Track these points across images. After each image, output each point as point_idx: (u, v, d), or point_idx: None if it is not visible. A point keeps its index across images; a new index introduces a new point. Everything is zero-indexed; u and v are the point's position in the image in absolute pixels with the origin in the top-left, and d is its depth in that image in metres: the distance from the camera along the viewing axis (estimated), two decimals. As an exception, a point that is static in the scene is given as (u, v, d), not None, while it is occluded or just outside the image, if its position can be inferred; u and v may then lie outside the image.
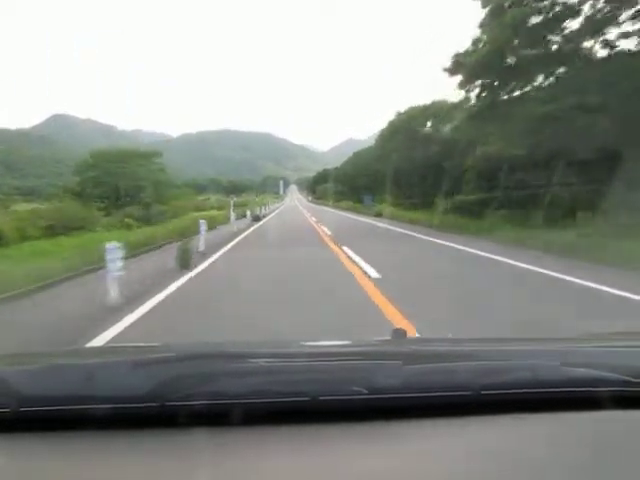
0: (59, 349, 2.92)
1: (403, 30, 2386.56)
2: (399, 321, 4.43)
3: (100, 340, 4.07)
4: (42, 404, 0.80)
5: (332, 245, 12.46)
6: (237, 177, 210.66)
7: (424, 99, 40.18)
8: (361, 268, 7.98)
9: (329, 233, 16.62)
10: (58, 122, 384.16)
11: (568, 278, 6.73)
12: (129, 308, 5.27)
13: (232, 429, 0.78)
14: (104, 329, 4.42)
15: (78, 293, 6.66)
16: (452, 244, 11.86)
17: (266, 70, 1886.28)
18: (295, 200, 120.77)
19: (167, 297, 6.05)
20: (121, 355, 1.14)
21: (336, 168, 77.84)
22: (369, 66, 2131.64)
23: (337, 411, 0.80)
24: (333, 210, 45.56)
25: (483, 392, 0.83)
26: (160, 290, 6.36)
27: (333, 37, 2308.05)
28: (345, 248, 10.97)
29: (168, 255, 9.51)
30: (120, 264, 5.72)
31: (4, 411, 0.78)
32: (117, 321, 4.73)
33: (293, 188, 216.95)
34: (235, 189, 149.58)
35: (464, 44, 15.79)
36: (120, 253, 5.78)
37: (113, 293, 5.49)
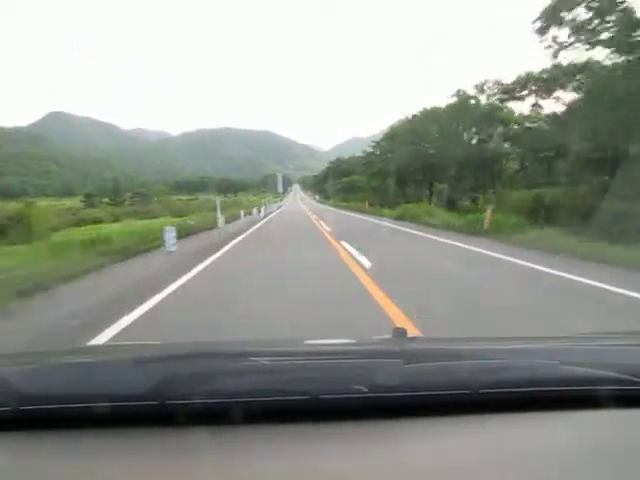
0: (59, 348, 2.88)
1: (405, 30, 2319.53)
2: None
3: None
4: (42, 403, 0.80)
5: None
6: (239, 176, 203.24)
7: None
8: None
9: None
10: (55, 120, 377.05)
11: None
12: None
13: (232, 428, 0.78)
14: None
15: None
16: None
17: (268, 68, 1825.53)
18: (299, 200, 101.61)
19: None
20: (121, 354, 1.13)
21: (370, 152, 43.86)
22: (371, 65, 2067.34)
23: (337, 410, 0.81)
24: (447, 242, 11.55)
25: (482, 391, 0.84)
26: None
27: (335, 36, 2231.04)
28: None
29: None
30: None
31: (4, 410, 0.79)
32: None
33: (296, 187, 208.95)
34: (231, 187, 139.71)
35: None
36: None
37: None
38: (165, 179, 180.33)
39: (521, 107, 17.39)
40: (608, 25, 13.15)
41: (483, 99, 24.06)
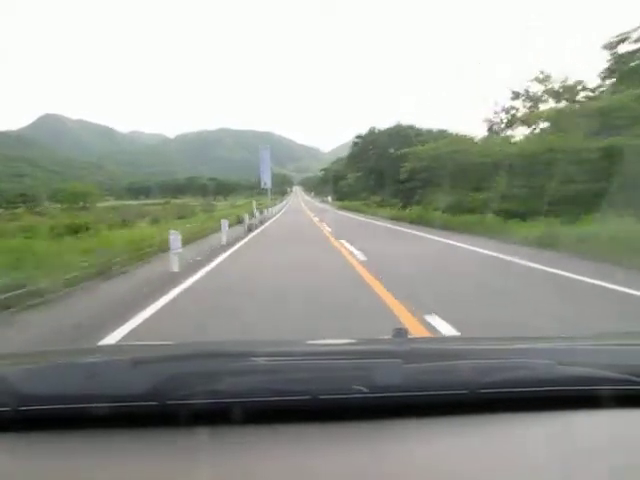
0: (60, 348, 2.89)
1: (406, 30, 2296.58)
2: None
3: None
4: (42, 403, 0.81)
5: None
6: (237, 178, 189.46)
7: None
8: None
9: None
10: (48, 123, 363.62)
11: None
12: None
13: (233, 428, 0.79)
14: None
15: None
16: None
17: (267, 68, 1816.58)
18: (301, 203, 78.33)
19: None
20: (121, 354, 1.14)
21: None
22: (372, 65, 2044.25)
23: (337, 409, 0.82)
24: None
25: (481, 391, 0.84)
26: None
27: (338, 36, 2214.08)
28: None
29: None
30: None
31: (4, 410, 0.79)
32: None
33: (297, 189, 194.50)
34: (222, 189, 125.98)
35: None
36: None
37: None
38: (156, 180, 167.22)
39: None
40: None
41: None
